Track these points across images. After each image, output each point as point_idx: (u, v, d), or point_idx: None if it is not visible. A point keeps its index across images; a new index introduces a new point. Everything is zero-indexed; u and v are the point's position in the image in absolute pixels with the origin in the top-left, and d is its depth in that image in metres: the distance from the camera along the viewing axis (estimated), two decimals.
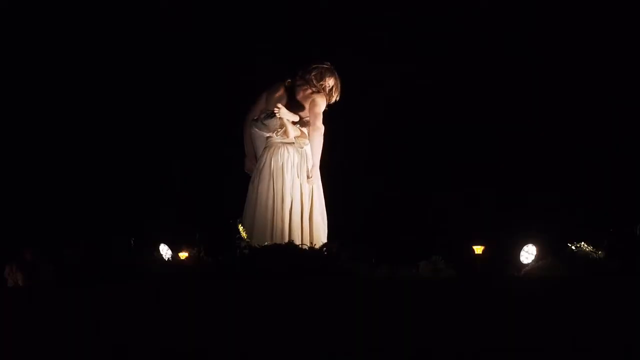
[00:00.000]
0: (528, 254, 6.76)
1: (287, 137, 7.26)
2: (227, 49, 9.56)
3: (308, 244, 6.81)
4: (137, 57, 9.67)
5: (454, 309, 5.73)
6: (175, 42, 9.62)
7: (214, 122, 9.23)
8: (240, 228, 6.67)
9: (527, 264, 6.72)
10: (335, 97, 7.41)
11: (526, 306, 5.72)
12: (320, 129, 7.25)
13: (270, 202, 7.16)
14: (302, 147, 7.27)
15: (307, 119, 7.33)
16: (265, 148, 7.30)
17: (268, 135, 7.30)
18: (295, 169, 7.25)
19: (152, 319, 5.73)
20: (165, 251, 6.82)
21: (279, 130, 7.27)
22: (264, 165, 7.24)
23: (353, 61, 8.89)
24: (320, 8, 9.37)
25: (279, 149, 7.25)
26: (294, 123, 7.28)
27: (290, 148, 7.26)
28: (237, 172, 7.82)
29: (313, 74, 7.33)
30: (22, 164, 9.73)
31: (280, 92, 7.42)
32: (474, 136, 9.33)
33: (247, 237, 6.69)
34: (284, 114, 7.19)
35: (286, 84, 7.44)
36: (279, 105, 7.21)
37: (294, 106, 7.32)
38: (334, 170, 7.72)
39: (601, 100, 9.23)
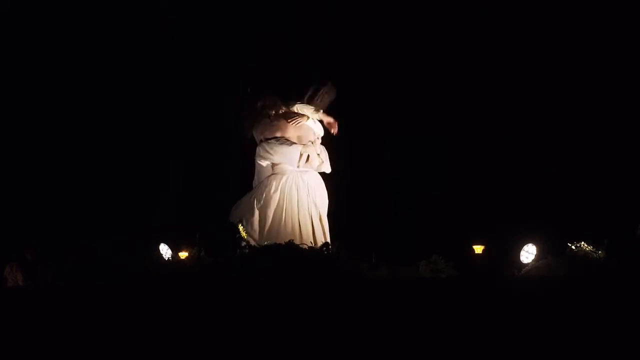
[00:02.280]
0: (528, 253, 6.76)
1: (311, 166, 7.23)
2: (228, 49, 9.55)
3: (308, 244, 6.77)
4: (135, 58, 9.67)
5: (454, 309, 5.71)
6: (177, 43, 9.62)
7: (214, 122, 9.23)
8: (240, 228, 6.69)
9: (527, 264, 6.71)
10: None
11: (526, 306, 5.69)
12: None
13: (282, 231, 7.03)
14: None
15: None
16: (275, 175, 7.18)
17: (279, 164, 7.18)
18: (310, 196, 7.17)
19: (151, 318, 5.73)
20: (165, 251, 6.81)
21: (299, 161, 7.19)
22: (274, 192, 7.10)
23: (352, 61, 8.91)
24: (320, 9, 9.37)
25: (294, 177, 7.16)
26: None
27: (305, 175, 7.20)
28: (237, 171, 7.82)
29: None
30: (23, 164, 9.75)
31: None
32: (474, 137, 9.34)
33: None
34: (318, 146, 7.24)
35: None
36: (317, 140, 7.21)
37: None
38: (335, 170, 7.71)
39: (602, 100, 9.25)
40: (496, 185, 8.93)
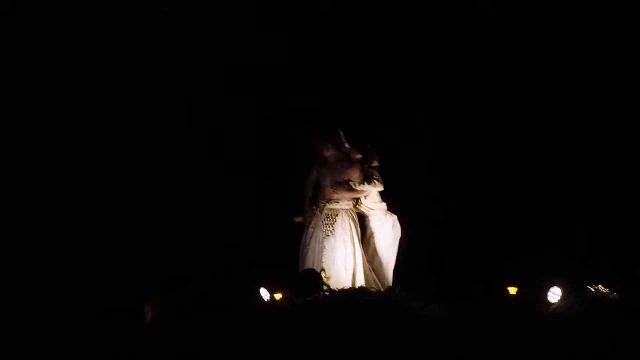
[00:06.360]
0: (554, 294, 7.49)
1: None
2: (236, 55, 9.78)
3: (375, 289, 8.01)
4: (168, 78, 9.63)
5: (492, 340, 6.81)
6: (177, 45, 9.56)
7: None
8: (323, 275, 7.88)
9: (554, 303, 7.47)
10: None
11: (555, 339, 6.75)
12: None
13: (345, 262, 8.28)
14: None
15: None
16: (333, 211, 8.39)
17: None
18: (354, 231, 8.43)
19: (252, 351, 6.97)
20: (264, 294, 7.88)
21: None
22: (335, 228, 8.32)
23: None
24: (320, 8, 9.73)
25: (345, 214, 8.42)
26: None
27: (351, 213, 8.49)
28: None
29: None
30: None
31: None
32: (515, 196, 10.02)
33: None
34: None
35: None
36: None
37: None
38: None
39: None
40: (524, 239, 9.74)
